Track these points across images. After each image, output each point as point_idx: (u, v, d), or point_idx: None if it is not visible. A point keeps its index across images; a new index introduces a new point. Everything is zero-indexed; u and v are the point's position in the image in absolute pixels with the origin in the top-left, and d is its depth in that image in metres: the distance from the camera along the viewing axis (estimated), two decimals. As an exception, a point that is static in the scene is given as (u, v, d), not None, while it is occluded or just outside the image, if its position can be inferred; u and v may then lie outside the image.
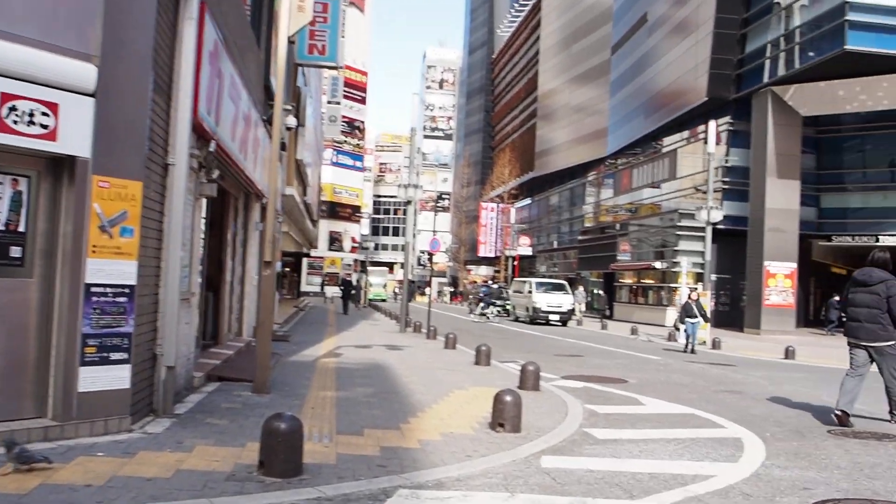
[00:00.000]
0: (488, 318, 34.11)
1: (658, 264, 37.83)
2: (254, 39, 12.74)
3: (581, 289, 39.72)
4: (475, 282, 78.57)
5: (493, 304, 36.54)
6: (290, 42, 20.21)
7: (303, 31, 19.67)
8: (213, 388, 8.60)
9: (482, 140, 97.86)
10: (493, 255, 77.03)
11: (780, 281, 33.27)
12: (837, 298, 33.12)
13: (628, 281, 42.51)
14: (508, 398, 6.98)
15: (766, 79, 34.13)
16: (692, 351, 19.72)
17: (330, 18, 20.18)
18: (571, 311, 33.79)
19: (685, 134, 41.08)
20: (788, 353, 19.57)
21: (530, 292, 34.11)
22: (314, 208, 37.69)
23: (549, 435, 7.02)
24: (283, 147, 17.71)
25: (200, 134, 8.06)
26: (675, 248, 36.89)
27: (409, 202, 23.23)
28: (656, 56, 44.01)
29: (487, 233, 77.62)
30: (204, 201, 8.86)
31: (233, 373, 9.43)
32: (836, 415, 8.25)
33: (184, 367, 7.95)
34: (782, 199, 33.34)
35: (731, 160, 36.33)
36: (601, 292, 40.32)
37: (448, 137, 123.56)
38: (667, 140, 43.98)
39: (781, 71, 33.18)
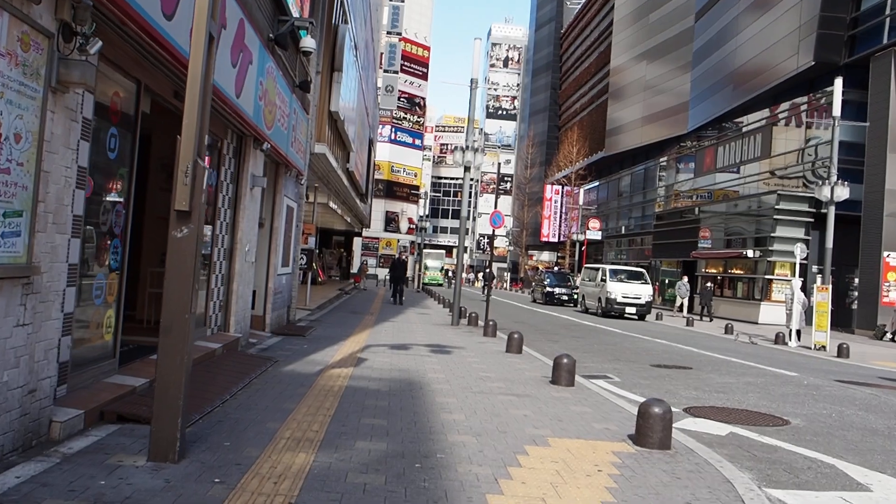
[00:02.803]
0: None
1: (750, 252, 32.99)
2: None
3: (685, 280, 34.17)
4: (536, 268, 74.29)
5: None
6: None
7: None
8: (89, 444, 4.71)
9: (547, 120, 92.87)
10: (556, 239, 72.50)
11: (900, 275, 28.27)
12: None
13: (712, 271, 37.66)
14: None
15: (887, 39, 28.98)
16: None
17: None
18: (650, 304, 29.38)
19: (782, 106, 36.06)
20: (952, 369, 15.04)
21: (603, 281, 29.78)
22: (362, 181, 33.90)
23: None
24: (305, 87, 13.83)
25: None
26: (772, 235, 32.04)
27: (467, 168, 19.16)
28: (749, 19, 38.78)
29: (551, 216, 73.11)
30: (85, 102, 4.96)
31: (148, 408, 5.53)
32: None
33: (10, 412, 4.11)
34: (905, 179, 28.28)
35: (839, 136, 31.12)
36: (709, 284, 34.47)
37: (512, 118, 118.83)
38: (751, 117, 38.88)
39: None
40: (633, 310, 28.68)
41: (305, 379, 8.17)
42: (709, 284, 33.04)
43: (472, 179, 20.19)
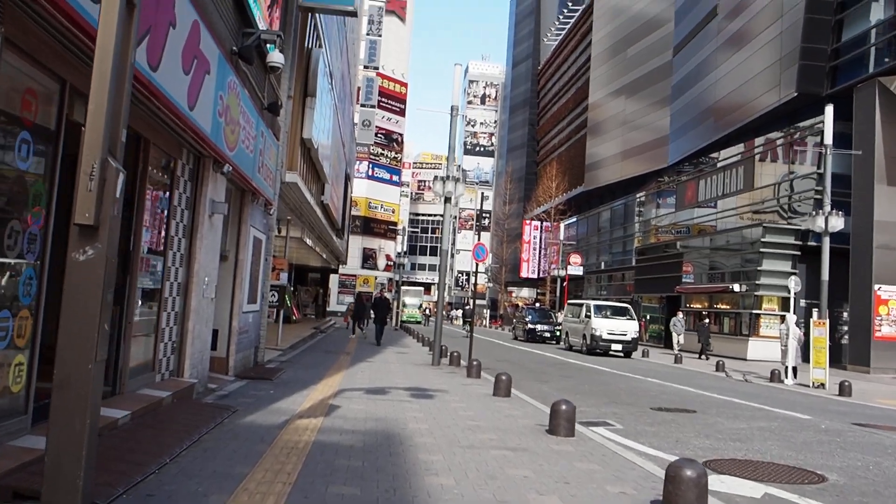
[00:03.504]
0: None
1: (736, 287, 32.20)
2: None
3: (681, 316, 32.22)
4: (516, 305, 73.33)
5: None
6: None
7: (309, -35, 14.99)
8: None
9: (525, 156, 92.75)
10: (536, 276, 71.69)
11: (892, 308, 27.55)
12: None
13: (697, 306, 36.82)
14: None
15: (871, 69, 28.64)
16: None
17: (347, -48, 15.56)
18: (636, 341, 28.40)
19: (763, 139, 35.59)
20: (965, 409, 14.13)
21: (588, 317, 28.82)
22: (338, 216, 32.85)
23: None
24: (274, 110, 12.84)
25: None
26: (758, 269, 31.31)
27: (447, 199, 18.19)
28: (728, 53, 38.54)
29: (531, 252, 72.36)
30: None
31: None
32: None
33: None
34: (895, 210, 27.69)
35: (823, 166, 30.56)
36: (706, 320, 31.95)
37: (489, 154, 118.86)
38: (733, 150, 38.40)
39: (892, 59, 27.68)
40: (619, 347, 27.70)
41: (267, 433, 7.03)
42: (706, 321, 31.18)
43: (452, 216, 19.16)
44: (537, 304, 57.97)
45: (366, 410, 8.98)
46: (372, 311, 26.18)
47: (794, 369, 19.63)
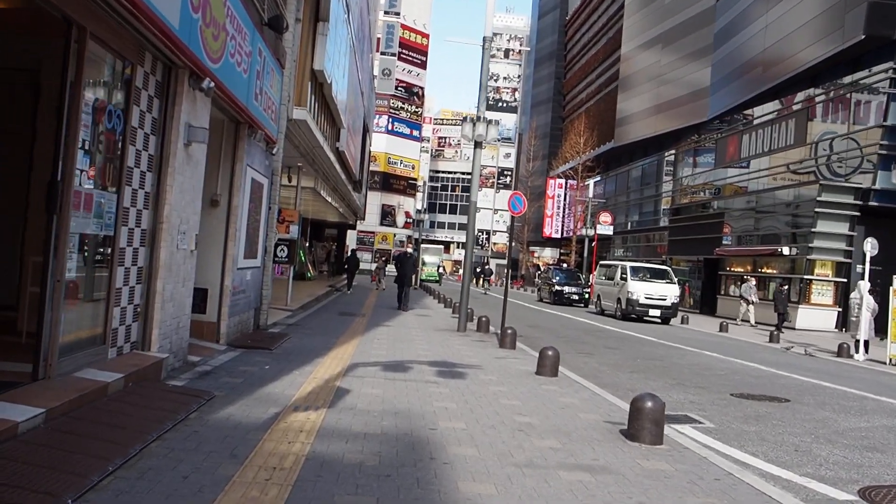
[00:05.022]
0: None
1: (786, 249, 29.76)
2: None
3: (753, 283, 29.21)
4: (537, 265, 71.22)
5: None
6: None
7: None
8: None
9: (551, 111, 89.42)
10: (560, 235, 69.27)
11: (963, 277, 25.08)
12: None
13: (738, 270, 34.40)
14: None
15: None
16: None
17: None
18: (676, 306, 26.18)
19: (818, 91, 32.78)
20: None
21: (623, 279, 26.59)
22: (355, 167, 30.66)
23: None
24: (276, 26, 10.64)
25: None
26: (812, 230, 28.82)
27: (477, 144, 15.97)
28: (782, -8, 35.40)
29: (555, 211, 69.86)
30: None
31: None
32: None
33: None
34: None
35: (891, 119, 27.89)
36: (785, 287, 28.16)
37: (512, 110, 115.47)
38: (762, 109, 35.67)
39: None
40: (656, 312, 25.46)
41: (243, 439, 5.00)
42: (785, 287, 28.10)
43: (481, 167, 16.83)
44: (563, 265, 55.77)
45: (382, 397, 6.95)
46: (395, 270, 23.80)
47: (867, 343, 17.40)
